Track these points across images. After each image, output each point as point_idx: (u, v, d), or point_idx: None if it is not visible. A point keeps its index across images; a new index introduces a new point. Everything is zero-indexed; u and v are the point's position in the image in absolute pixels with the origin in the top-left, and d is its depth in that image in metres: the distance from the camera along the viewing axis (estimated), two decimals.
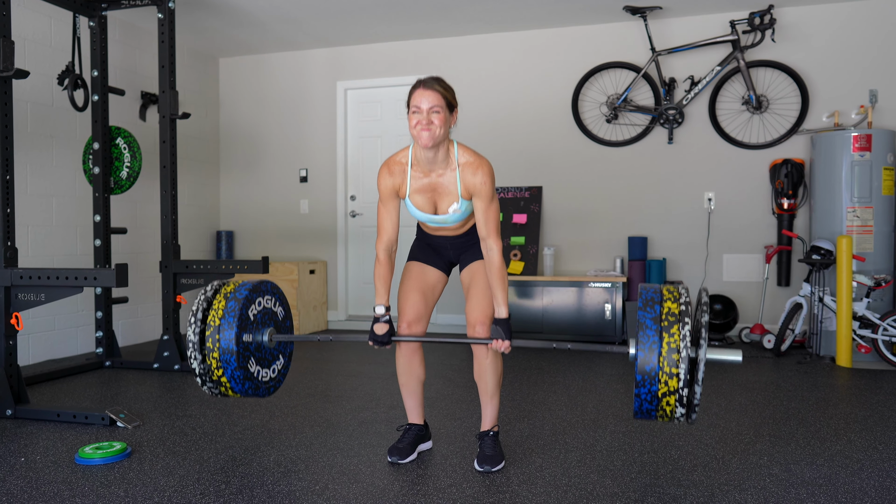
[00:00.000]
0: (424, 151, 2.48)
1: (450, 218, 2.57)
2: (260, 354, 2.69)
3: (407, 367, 2.74)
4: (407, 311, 2.68)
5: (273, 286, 2.81)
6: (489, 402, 2.67)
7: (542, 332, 5.51)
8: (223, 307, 2.61)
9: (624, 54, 5.71)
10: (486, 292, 2.59)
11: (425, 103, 2.41)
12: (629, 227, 5.76)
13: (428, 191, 2.55)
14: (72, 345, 5.04)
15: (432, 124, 2.40)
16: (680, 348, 2.17)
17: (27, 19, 4.73)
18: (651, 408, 2.25)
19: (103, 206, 4.57)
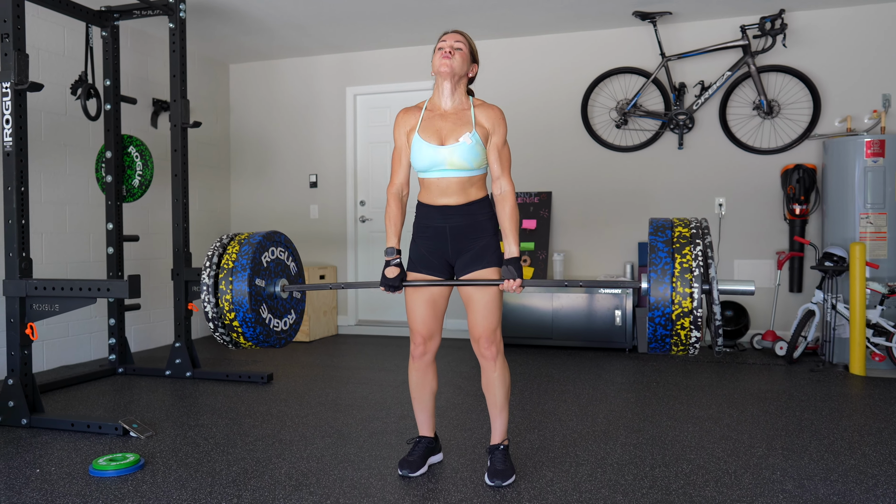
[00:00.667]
0: (442, 87, 2.55)
1: (458, 150, 2.47)
2: (272, 303, 2.71)
3: (421, 381, 2.72)
4: (419, 328, 2.63)
5: (286, 238, 2.86)
6: (498, 415, 2.65)
7: (552, 338, 5.51)
8: (237, 251, 2.66)
9: (633, 59, 5.70)
10: (487, 304, 2.54)
11: (450, 39, 2.54)
12: (639, 233, 5.74)
13: (437, 120, 2.55)
14: (85, 351, 5.08)
15: (453, 56, 2.50)
16: (693, 267, 2.17)
17: (41, 30, 4.77)
18: (666, 333, 2.21)
19: (116, 214, 4.60)
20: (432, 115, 2.57)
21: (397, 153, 2.64)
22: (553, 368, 4.74)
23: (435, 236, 2.60)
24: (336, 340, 6.09)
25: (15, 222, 3.34)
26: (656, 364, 4.87)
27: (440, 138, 2.52)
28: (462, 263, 2.58)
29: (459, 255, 2.58)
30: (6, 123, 3.34)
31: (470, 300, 2.56)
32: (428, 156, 2.51)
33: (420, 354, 2.66)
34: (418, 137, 2.53)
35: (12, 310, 3.33)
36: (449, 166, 2.50)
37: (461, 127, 2.52)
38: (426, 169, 2.54)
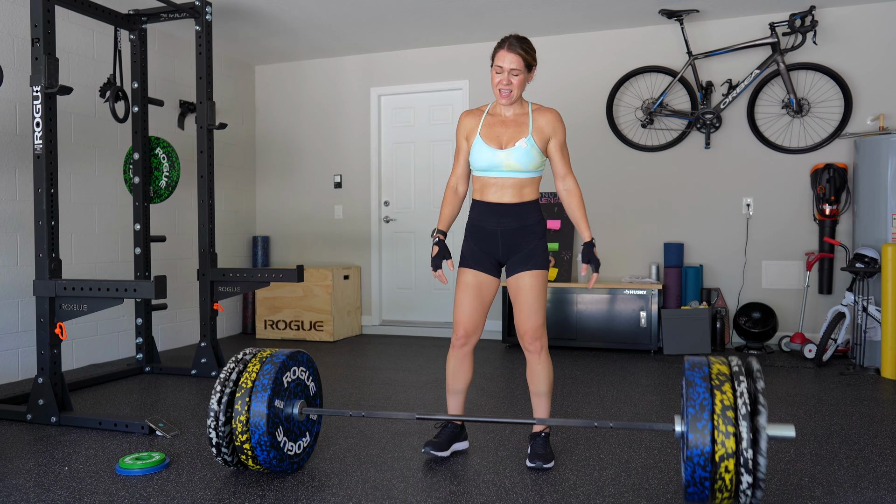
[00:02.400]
0: (501, 104, 2.75)
1: (515, 153, 2.67)
2: (288, 426, 2.60)
3: (458, 368, 2.88)
4: (465, 320, 2.81)
5: (308, 358, 2.77)
6: (541, 402, 2.83)
7: (576, 339, 5.47)
8: (258, 370, 2.57)
9: (660, 58, 5.63)
10: (533, 304, 2.73)
11: (507, 64, 2.64)
12: (665, 234, 5.68)
13: (497, 126, 2.74)
14: (113, 350, 5.16)
15: (511, 84, 2.66)
16: (738, 406, 2.04)
17: (71, 33, 4.85)
18: (705, 475, 2.03)
19: (143, 215, 4.66)
20: (493, 120, 2.78)
21: (457, 151, 2.87)
22: (577, 369, 4.71)
23: (487, 237, 2.79)
24: (360, 340, 6.11)
25: (45, 223, 3.40)
26: (681, 366, 4.79)
27: (500, 142, 2.73)
28: (512, 264, 2.77)
29: (510, 256, 2.78)
30: (37, 127, 3.40)
31: (517, 298, 2.76)
32: (487, 157, 2.72)
33: (461, 345, 2.85)
34: (479, 140, 2.74)
35: (42, 309, 3.39)
36: (506, 168, 2.70)
37: (519, 132, 2.73)
38: (485, 169, 2.74)
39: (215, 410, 2.51)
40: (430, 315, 6.41)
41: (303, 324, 6.11)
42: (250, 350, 2.73)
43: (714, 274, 5.58)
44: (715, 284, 5.58)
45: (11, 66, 4.42)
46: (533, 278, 2.72)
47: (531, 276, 2.72)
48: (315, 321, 6.07)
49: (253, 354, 2.67)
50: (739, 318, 5.34)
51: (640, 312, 5.32)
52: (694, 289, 5.43)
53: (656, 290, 5.28)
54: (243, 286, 4.49)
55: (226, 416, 2.51)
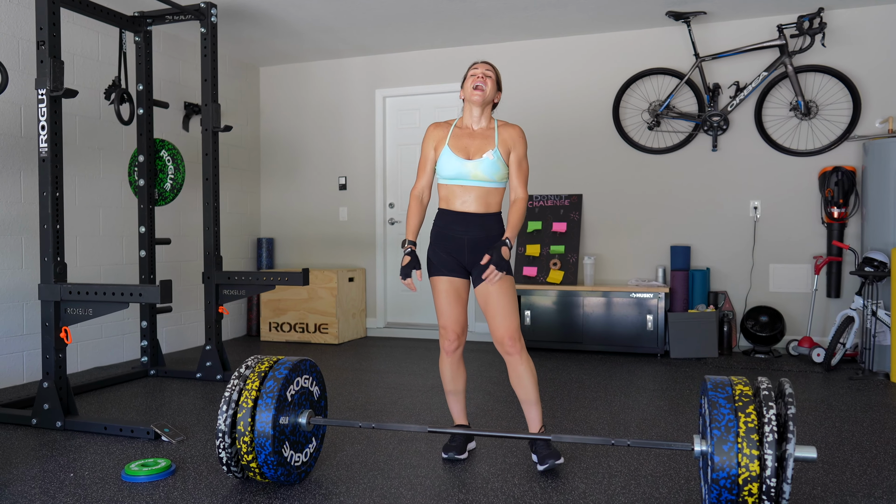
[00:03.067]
0: (471, 111, 2.85)
1: (482, 164, 2.77)
2: (294, 438, 2.56)
3: (454, 374, 2.96)
4: (451, 324, 2.88)
5: (312, 364, 2.71)
6: (532, 406, 2.86)
7: (582, 343, 5.44)
8: (258, 387, 2.51)
9: (666, 60, 5.61)
10: (506, 307, 2.78)
11: (481, 68, 2.85)
12: (671, 236, 5.65)
13: (465, 138, 2.84)
14: (118, 352, 5.14)
15: (485, 84, 2.81)
16: (764, 430, 2.00)
17: (76, 35, 4.83)
18: (732, 498, 2.02)
19: (148, 217, 4.65)
20: (461, 132, 2.88)
21: (423, 160, 2.94)
22: (583, 374, 4.68)
23: (454, 245, 2.87)
24: (365, 343, 6.09)
25: (50, 227, 3.39)
26: (689, 370, 4.78)
27: (467, 154, 2.83)
28: (478, 272, 2.82)
29: (475, 265, 2.85)
30: (42, 130, 3.39)
31: (489, 304, 2.80)
32: (455, 167, 2.82)
33: (453, 349, 2.91)
34: (448, 150, 2.84)
35: (47, 314, 3.37)
36: (473, 178, 2.81)
37: (486, 144, 2.84)
38: (452, 177, 2.84)
39: (223, 430, 2.47)
40: (434, 317, 6.39)
41: (307, 326, 6.09)
42: (252, 360, 2.69)
43: (721, 277, 5.55)
44: (722, 287, 5.54)
45: (16, 69, 4.41)
46: (502, 282, 2.78)
47: (501, 280, 2.77)
48: (320, 323, 6.05)
49: (252, 368, 2.62)
50: (747, 321, 5.31)
51: (647, 316, 5.29)
52: (701, 292, 5.40)
53: (663, 293, 5.25)
54: (248, 289, 4.47)
55: (231, 437, 2.47)
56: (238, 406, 2.49)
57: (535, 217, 5.83)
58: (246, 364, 2.66)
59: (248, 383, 2.55)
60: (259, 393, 2.51)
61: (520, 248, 5.79)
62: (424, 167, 2.92)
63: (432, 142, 2.89)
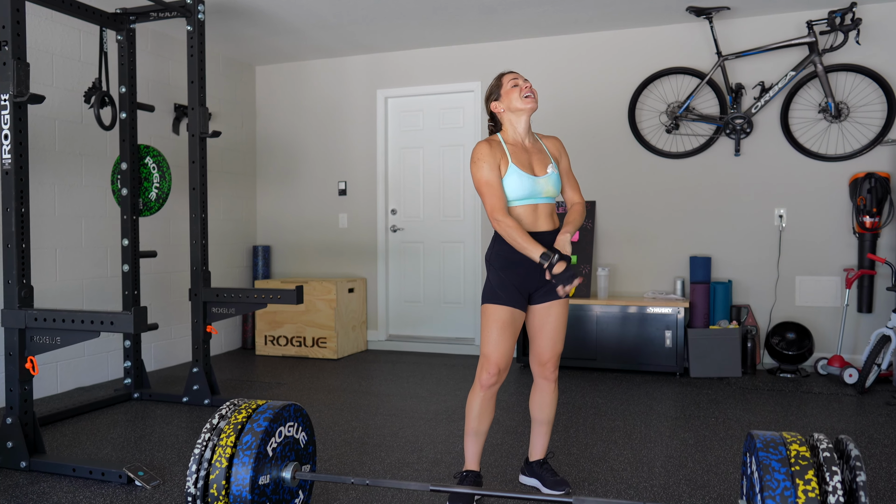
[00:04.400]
0: (519, 124, 2.65)
1: (550, 179, 2.61)
2: (278, 497, 2.26)
3: (483, 411, 2.66)
4: (499, 358, 2.60)
5: (296, 409, 2.41)
6: (546, 427, 2.79)
7: (596, 360, 5.11)
8: (232, 443, 2.19)
9: (686, 59, 5.26)
10: (560, 332, 2.70)
11: (521, 78, 2.64)
12: (691, 246, 5.31)
13: (522, 153, 2.63)
14: (102, 371, 4.84)
15: (533, 90, 2.63)
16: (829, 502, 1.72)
17: (55, 33, 4.52)
18: None
19: (132, 229, 4.34)
20: (515, 148, 2.65)
21: (491, 183, 2.57)
22: (598, 396, 4.36)
23: (524, 271, 2.61)
24: (365, 358, 5.77)
25: (14, 246, 3.07)
26: (711, 393, 4.45)
27: (532, 170, 2.62)
28: (543, 292, 2.66)
29: (539, 287, 2.66)
30: (5, 139, 3.07)
31: (543, 326, 2.69)
32: (527, 185, 2.58)
33: (491, 384, 2.63)
34: (515, 168, 2.59)
35: (11, 342, 3.06)
36: (545, 195, 2.62)
37: (543, 158, 2.67)
38: (523, 198, 2.60)
39: (193, 495, 2.14)
40: (439, 330, 6.07)
41: (305, 340, 5.77)
42: (228, 407, 2.36)
43: (744, 290, 5.21)
44: (745, 301, 5.20)
45: None
46: (564, 306, 2.70)
47: (562, 304, 2.69)
48: (318, 337, 5.73)
49: (227, 419, 2.29)
50: (772, 337, 4.97)
51: (665, 332, 4.95)
52: (723, 306, 5.06)
53: (682, 307, 4.91)
54: (238, 307, 4.16)
55: (203, 502, 2.15)
56: (211, 465, 2.17)
57: None
58: (220, 413, 2.34)
59: (222, 437, 2.22)
60: (235, 450, 2.19)
61: None
62: (496, 186, 2.54)
63: (493, 160, 2.57)
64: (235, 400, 2.43)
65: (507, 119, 2.66)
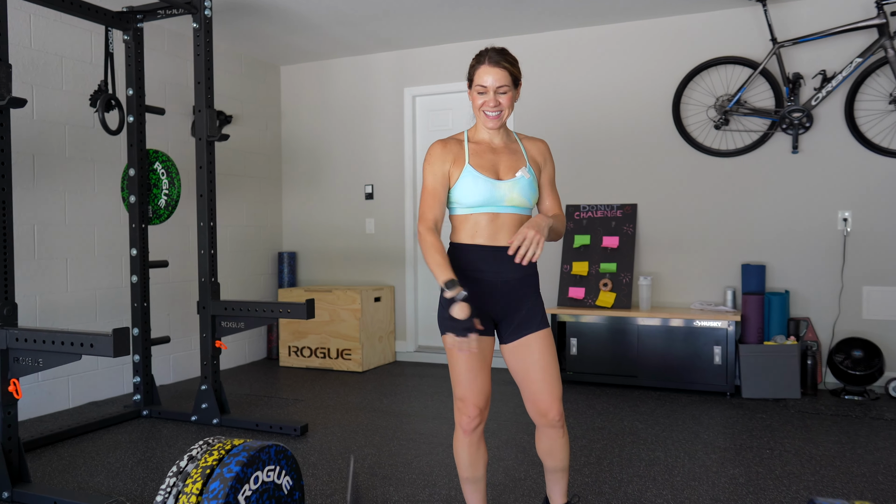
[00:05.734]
0: (485, 130, 2.26)
1: (518, 185, 2.18)
2: None
3: (474, 458, 2.28)
4: (474, 396, 2.20)
5: (279, 451, 2.13)
6: (563, 477, 2.36)
7: (637, 377, 4.70)
8: (198, 490, 1.90)
9: (737, 47, 4.80)
10: (552, 371, 2.22)
11: (492, 81, 2.16)
12: (743, 253, 4.85)
13: (488, 154, 2.24)
14: (116, 384, 4.66)
15: (499, 105, 2.19)
16: None
17: (65, 35, 4.35)
18: None
19: (140, 238, 4.13)
20: (479, 147, 2.26)
21: (432, 187, 2.22)
22: (638, 420, 3.96)
23: (483, 292, 2.21)
24: (392, 371, 5.48)
25: None
26: (766, 417, 4.00)
27: (496, 173, 2.22)
28: (514, 325, 2.24)
29: (506, 317, 2.25)
30: None
31: (528, 370, 2.22)
32: (485, 190, 2.18)
33: (473, 427, 2.24)
34: (472, 170, 2.20)
35: None
36: (508, 202, 2.20)
37: (516, 161, 2.25)
38: (480, 205, 2.19)
39: None
40: None
41: (329, 351, 5.51)
42: (200, 447, 2.08)
43: (803, 301, 4.72)
44: (804, 314, 4.71)
45: None
46: (544, 339, 2.23)
47: (542, 337, 2.23)
48: (342, 349, 5.46)
49: (196, 461, 2.02)
50: (835, 355, 4.48)
51: (714, 347, 4.52)
52: (779, 319, 4.59)
53: (733, 320, 4.47)
54: (248, 322, 3.90)
55: None
56: None
57: (582, 230, 5.11)
58: (190, 454, 2.06)
59: (188, 483, 1.94)
60: (200, 498, 1.90)
61: (565, 265, 5.07)
62: (436, 195, 2.19)
63: (444, 162, 2.20)
64: (210, 438, 2.15)
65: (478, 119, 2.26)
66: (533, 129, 5.35)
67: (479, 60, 2.19)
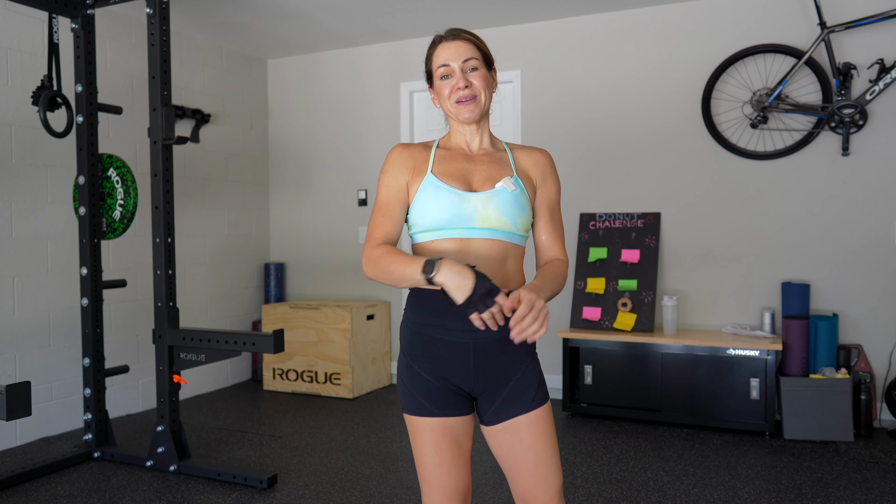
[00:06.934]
0: (461, 131, 1.70)
1: (496, 198, 1.60)
2: None
3: None
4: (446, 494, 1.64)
5: None
6: None
7: (661, 411, 4.12)
8: None
9: (778, 33, 4.19)
10: (549, 460, 1.63)
11: (457, 55, 1.64)
12: (782, 270, 4.25)
13: (461, 161, 1.68)
14: (72, 417, 4.15)
15: (472, 86, 1.64)
16: None
17: (11, 24, 3.84)
18: None
19: (91, 255, 3.61)
20: (450, 153, 1.70)
21: (385, 204, 1.66)
22: (663, 466, 3.38)
23: (449, 356, 1.63)
24: (386, 397, 4.93)
25: None
26: (815, 467, 3.41)
27: (467, 183, 1.65)
28: (498, 402, 1.65)
29: (484, 391, 1.66)
30: None
31: (517, 459, 1.64)
32: (448, 204, 1.60)
33: None
34: (433, 179, 1.63)
35: None
36: (481, 223, 1.60)
37: (498, 169, 1.67)
38: (442, 226, 1.61)
39: None
40: None
41: (316, 375, 4.98)
42: None
43: (854, 326, 4.11)
44: (855, 340, 4.10)
45: None
46: (540, 422, 1.64)
47: (537, 419, 1.64)
48: (331, 372, 4.92)
49: None
50: (894, 389, 3.87)
51: (750, 379, 3.92)
52: (826, 347, 3.98)
53: (773, 349, 3.87)
54: (209, 354, 3.37)
55: None
56: None
57: (598, 242, 4.53)
58: None
59: None
60: None
61: (579, 282, 4.50)
62: (388, 212, 1.64)
63: (402, 171, 1.66)
64: None
65: (450, 122, 1.72)
66: (540, 128, 4.77)
67: (433, 43, 1.70)
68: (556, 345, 4.59)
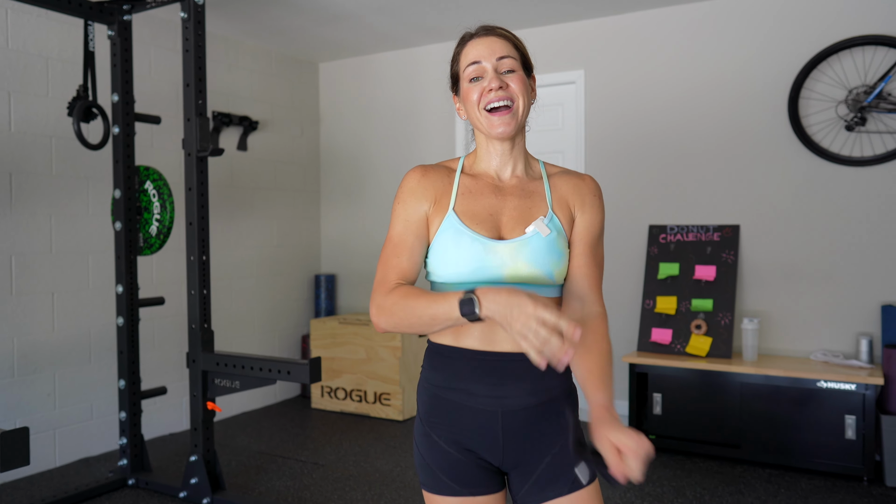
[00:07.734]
0: (490, 147, 1.41)
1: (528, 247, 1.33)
2: None
3: None
4: None
5: None
6: None
7: (740, 447, 3.69)
8: None
9: (878, 23, 3.70)
10: None
11: (490, 52, 1.36)
12: (883, 291, 3.75)
13: (487, 196, 1.39)
14: (113, 436, 4.02)
15: (508, 88, 1.35)
16: None
17: (52, 33, 3.74)
18: None
19: (127, 272, 3.46)
20: (477, 184, 1.41)
21: (399, 240, 1.37)
22: None
23: (472, 427, 1.36)
24: None
25: None
26: None
27: (496, 228, 1.37)
28: (525, 484, 1.37)
29: (517, 465, 1.38)
30: None
31: None
32: (473, 256, 1.32)
33: None
34: (455, 220, 1.35)
35: None
36: (510, 277, 1.33)
37: (531, 206, 1.38)
38: (465, 280, 1.33)
39: None
40: None
41: (366, 395, 4.74)
42: None
43: None
44: None
45: None
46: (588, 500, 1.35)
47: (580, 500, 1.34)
48: (380, 392, 4.68)
49: None
50: None
51: (845, 416, 3.46)
52: None
53: (873, 383, 3.40)
54: (244, 381, 3.15)
55: None
56: None
57: (668, 257, 4.13)
58: None
59: None
60: None
61: (647, 301, 4.11)
62: (403, 248, 1.36)
63: (422, 201, 1.38)
64: None
65: (478, 136, 1.43)
66: (605, 132, 4.39)
67: (461, 41, 1.42)
68: (622, 370, 4.20)
